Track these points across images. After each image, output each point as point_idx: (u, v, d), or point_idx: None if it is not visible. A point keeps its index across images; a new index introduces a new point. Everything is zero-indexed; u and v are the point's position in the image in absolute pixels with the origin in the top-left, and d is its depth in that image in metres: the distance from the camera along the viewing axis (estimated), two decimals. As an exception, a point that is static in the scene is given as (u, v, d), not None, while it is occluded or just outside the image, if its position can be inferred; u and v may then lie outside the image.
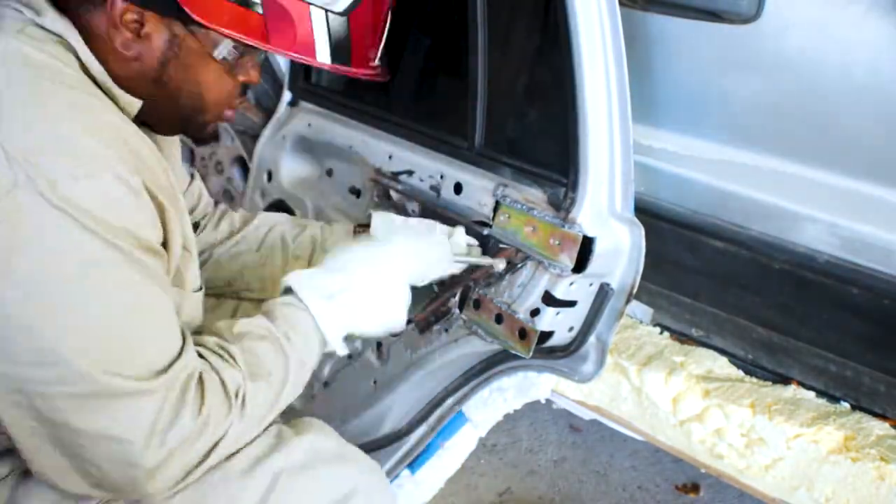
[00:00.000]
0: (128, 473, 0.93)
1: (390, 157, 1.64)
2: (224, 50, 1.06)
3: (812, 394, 1.45)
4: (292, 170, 1.97)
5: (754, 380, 1.52)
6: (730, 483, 1.49)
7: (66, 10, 1.01)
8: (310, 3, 1.03)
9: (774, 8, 1.30)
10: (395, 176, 1.62)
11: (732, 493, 1.97)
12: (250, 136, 2.16)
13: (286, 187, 1.96)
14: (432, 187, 1.54)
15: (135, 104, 1.05)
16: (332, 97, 1.87)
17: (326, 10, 1.05)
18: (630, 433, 1.64)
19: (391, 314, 1.18)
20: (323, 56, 1.08)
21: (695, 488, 2.01)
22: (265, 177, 2.02)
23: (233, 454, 1.04)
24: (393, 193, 1.63)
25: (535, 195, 1.36)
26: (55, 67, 0.96)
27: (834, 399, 1.44)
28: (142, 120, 1.09)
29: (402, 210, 1.62)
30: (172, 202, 1.03)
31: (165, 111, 1.09)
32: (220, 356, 1.03)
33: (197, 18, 0.99)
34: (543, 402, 1.70)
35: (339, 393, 1.80)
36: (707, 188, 1.48)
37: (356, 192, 1.77)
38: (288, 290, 1.14)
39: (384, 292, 1.17)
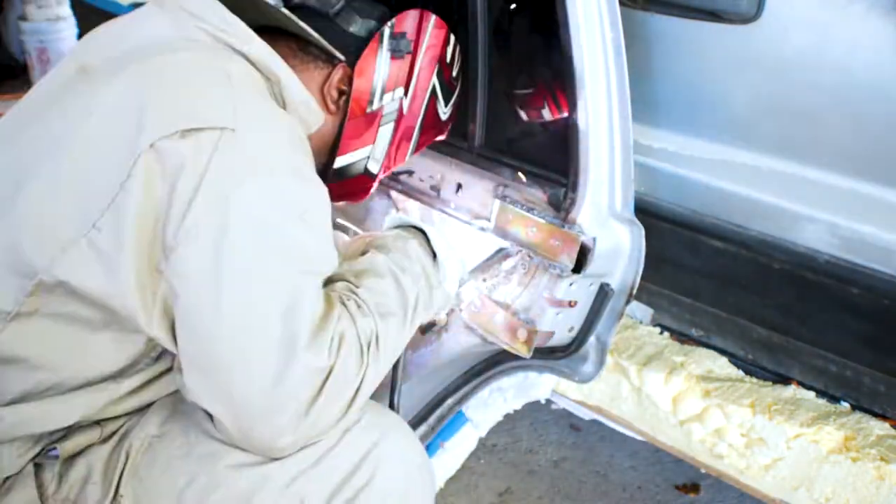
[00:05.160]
0: (268, 430, 0.98)
1: (390, 157, 1.64)
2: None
3: (812, 394, 1.45)
4: (292, 170, 1.96)
5: (754, 380, 1.52)
6: (730, 483, 1.49)
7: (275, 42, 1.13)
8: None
9: (774, 8, 1.30)
10: (395, 176, 1.62)
11: (732, 493, 1.97)
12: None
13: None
14: (432, 187, 1.54)
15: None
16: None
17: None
18: (630, 433, 1.64)
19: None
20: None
21: (695, 488, 2.01)
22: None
23: None
24: (393, 194, 1.63)
25: (535, 195, 1.36)
26: (263, 89, 1.11)
27: (834, 399, 1.44)
28: None
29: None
30: None
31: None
32: (356, 304, 1.08)
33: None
34: (543, 402, 1.70)
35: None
36: (707, 188, 1.48)
37: (356, 192, 1.77)
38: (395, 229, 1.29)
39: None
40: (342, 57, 1.20)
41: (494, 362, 1.54)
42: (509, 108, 1.52)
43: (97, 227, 0.94)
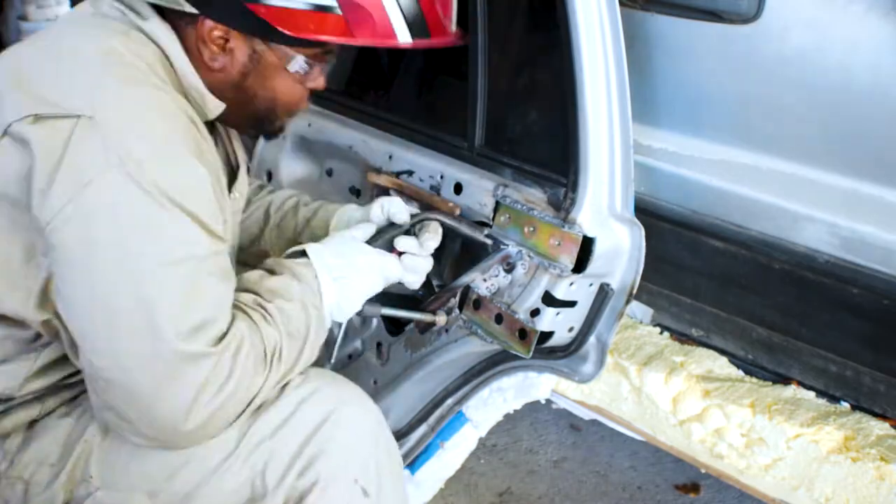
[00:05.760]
0: (168, 432, 1.04)
1: (390, 157, 1.64)
2: (297, 65, 1.18)
3: (812, 394, 1.45)
4: (292, 170, 1.97)
5: (754, 380, 1.52)
6: (730, 483, 1.49)
7: (165, 17, 1.14)
8: None
9: (774, 8, 1.30)
10: (395, 176, 1.62)
11: (732, 493, 1.97)
12: (250, 137, 2.16)
13: (286, 187, 1.96)
14: (432, 187, 1.54)
15: (220, 107, 1.19)
16: (332, 97, 1.87)
17: None
18: (630, 433, 1.64)
19: (354, 309, 1.28)
20: (404, 36, 1.18)
21: (695, 488, 2.01)
22: (265, 177, 2.02)
23: None
24: (393, 194, 1.63)
25: (535, 195, 1.36)
26: (145, 69, 1.09)
27: (834, 399, 1.44)
28: (217, 119, 1.24)
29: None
30: (220, 196, 1.19)
31: (242, 113, 1.23)
32: (262, 315, 1.11)
33: (286, 32, 1.11)
34: (543, 402, 1.70)
35: (339, 393, 1.80)
36: (707, 188, 1.48)
37: (356, 192, 1.77)
38: (302, 254, 1.26)
39: (365, 291, 1.28)
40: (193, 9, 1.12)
41: (494, 362, 1.54)
42: (509, 107, 1.52)
43: None
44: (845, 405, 1.43)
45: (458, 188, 1.49)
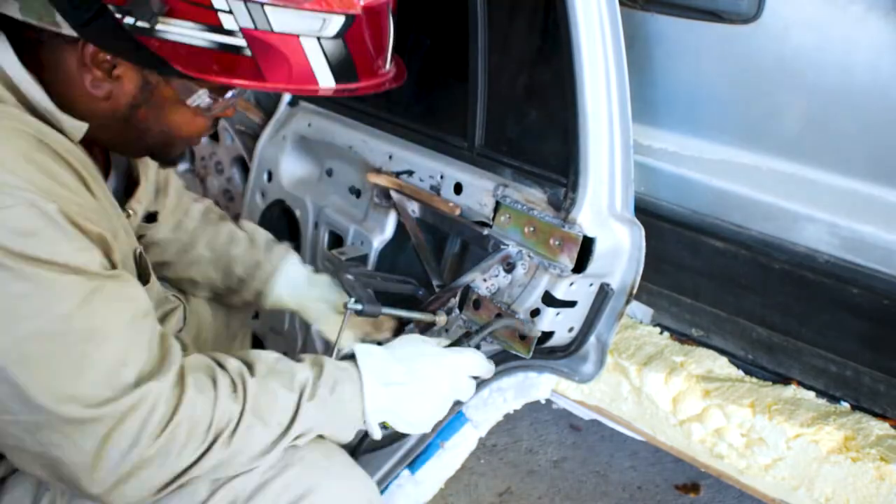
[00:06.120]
0: (83, 491, 0.96)
1: (390, 157, 1.64)
2: (199, 99, 1.04)
3: (812, 394, 1.45)
4: (292, 170, 1.97)
5: (754, 380, 1.52)
6: (730, 483, 1.49)
7: (26, 40, 0.99)
8: (298, 35, 0.98)
9: (774, 8, 1.30)
10: (395, 176, 1.62)
11: (732, 493, 1.97)
12: (250, 136, 2.16)
13: (286, 187, 1.96)
14: (432, 187, 1.54)
15: (82, 127, 1.03)
16: (332, 97, 1.86)
17: (319, 38, 0.99)
18: (630, 433, 1.64)
19: (424, 420, 1.19)
20: (326, 82, 1.03)
21: (695, 488, 2.01)
22: (265, 177, 2.02)
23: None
24: (393, 194, 1.63)
25: (535, 195, 1.36)
26: None
27: (834, 399, 1.44)
28: (101, 144, 1.11)
29: (403, 211, 1.62)
30: (107, 224, 1.03)
31: (133, 142, 1.10)
32: (231, 384, 1.03)
33: (185, 72, 0.96)
34: (543, 402, 1.70)
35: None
36: (707, 188, 1.48)
37: (356, 192, 1.77)
38: (348, 357, 1.17)
39: (433, 399, 1.18)
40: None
41: (494, 362, 1.53)
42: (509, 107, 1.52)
43: None
44: (845, 405, 1.43)
45: (458, 188, 1.49)
